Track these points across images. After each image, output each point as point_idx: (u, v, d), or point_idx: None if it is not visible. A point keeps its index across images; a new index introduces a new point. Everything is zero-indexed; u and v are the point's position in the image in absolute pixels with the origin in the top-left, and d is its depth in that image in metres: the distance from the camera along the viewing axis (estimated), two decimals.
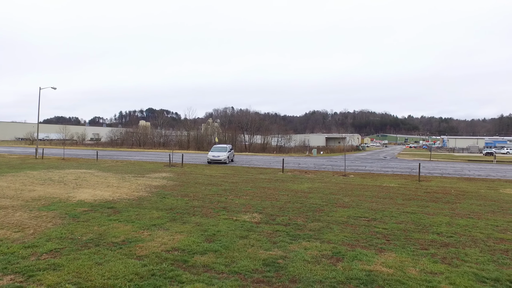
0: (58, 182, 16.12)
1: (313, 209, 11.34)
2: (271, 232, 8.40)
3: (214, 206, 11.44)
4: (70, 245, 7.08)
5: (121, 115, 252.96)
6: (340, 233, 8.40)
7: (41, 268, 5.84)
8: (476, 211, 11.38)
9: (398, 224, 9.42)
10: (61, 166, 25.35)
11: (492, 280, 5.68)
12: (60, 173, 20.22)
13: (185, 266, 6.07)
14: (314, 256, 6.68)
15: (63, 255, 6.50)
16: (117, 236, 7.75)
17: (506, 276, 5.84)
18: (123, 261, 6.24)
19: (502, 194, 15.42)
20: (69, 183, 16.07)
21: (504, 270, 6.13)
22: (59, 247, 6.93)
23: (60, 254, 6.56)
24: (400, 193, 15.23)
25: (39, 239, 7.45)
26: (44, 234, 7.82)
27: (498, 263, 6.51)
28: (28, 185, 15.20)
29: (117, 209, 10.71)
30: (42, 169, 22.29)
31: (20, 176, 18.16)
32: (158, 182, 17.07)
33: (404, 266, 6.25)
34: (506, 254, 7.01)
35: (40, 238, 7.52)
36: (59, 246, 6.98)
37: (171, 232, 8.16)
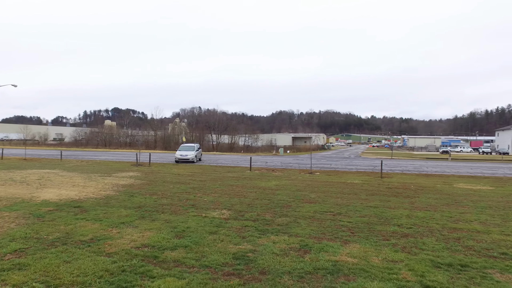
0: (20, 183, 15.46)
1: (281, 205, 11.57)
2: (240, 227, 8.53)
3: (183, 204, 11.43)
4: (36, 245, 6.88)
5: (85, 115, 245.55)
6: (307, 227, 8.66)
7: (5, 268, 5.65)
8: (433, 204, 12.03)
9: (362, 217, 9.82)
10: (23, 166, 24.26)
11: (446, 265, 6.09)
12: (22, 173, 19.36)
13: (155, 262, 6.08)
14: (282, 249, 6.87)
15: (28, 254, 6.32)
16: (85, 235, 7.60)
17: (458, 261, 6.28)
18: (92, 258, 6.16)
19: (456, 188, 16.33)
20: (32, 183, 15.46)
21: (456, 256, 6.58)
22: (24, 247, 6.72)
23: (25, 254, 6.37)
24: (364, 189, 15.80)
25: (2, 239, 7.17)
26: (7, 234, 7.54)
27: (451, 250, 6.96)
28: None
29: (84, 208, 10.47)
30: (2, 170, 21.25)
31: None
32: (125, 181, 16.76)
33: (367, 256, 6.56)
34: (458, 242, 7.50)
35: (3, 238, 7.25)
36: (24, 246, 6.77)
37: (141, 230, 8.10)
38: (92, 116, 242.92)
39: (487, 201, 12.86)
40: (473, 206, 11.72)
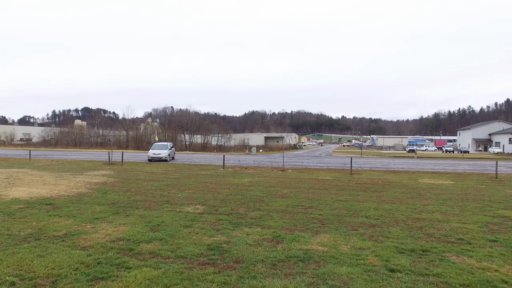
0: None
1: (254, 200, 11.78)
2: (214, 221, 8.66)
3: (157, 200, 11.43)
4: (7, 241, 6.75)
5: (54, 114, 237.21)
6: (280, 219, 8.90)
7: None
8: (399, 198, 12.59)
9: (332, 210, 10.17)
10: None
11: (408, 250, 6.47)
12: None
13: (131, 254, 6.13)
14: (256, 240, 7.07)
15: (0, 250, 6.23)
16: (58, 230, 7.52)
17: (420, 247, 6.68)
18: (67, 252, 6.13)
19: (420, 183, 17.08)
20: (1, 181, 14.94)
21: (418, 242, 6.98)
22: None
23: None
24: (334, 184, 16.25)
25: None
26: None
27: (414, 237, 7.38)
28: None
29: (56, 205, 10.29)
30: None
31: None
32: (98, 179, 16.48)
33: (337, 244, 6.86)
34: (421, 230, 7.95)
35: None
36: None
37: (115, 224, 8.09)
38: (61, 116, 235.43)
39: (448, 194, 13.56)
40: (435, 199, 12.35)
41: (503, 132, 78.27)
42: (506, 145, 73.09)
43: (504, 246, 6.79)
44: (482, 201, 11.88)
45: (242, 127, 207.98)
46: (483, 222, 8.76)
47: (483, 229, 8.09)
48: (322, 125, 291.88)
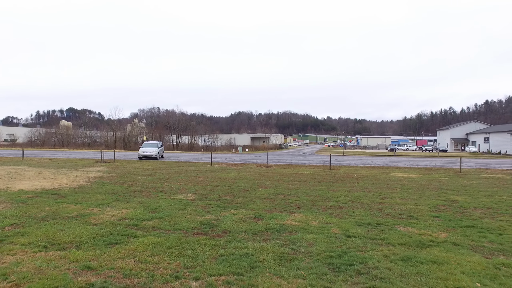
0: None
1: (239, 189, 13.08)
2: (204, 205, 9.94)
3: (152, 190, 12.63)
4: (29, 220, 7.90)
5: (38, 115, 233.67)
6: (261, 204, 10.22)
7: (10, 235, 6.70)
8: (369, 187, 14.05)
9: (308, 197, 11.54)
10: None
11: (365, 224, 7.86)
12: None
13: (136, 228, 7.36)
14: (240, 218, 8.36)
15: (25, 226, 7.37)
16: (70, 213, 8.68)
17: (375, 221, 8.09)
18: (82, 227, 7.33)
19: (391, 176, 18.65)
20: (2, 177, 15.89)
21: (375, 218, 8.40)
22: (19, 222, 7.72)
23: (22, 226, 7.40)
24: (313, 178, 17.67)
25: None
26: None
27: (373, 215, 8.79)
28: None
29: (62, 195, 11.40)
30: None
31: None
32: (94, 174, 17.55)
33: (308, 220, 8.21)
34: (380, 211, 9.37)
35: None
36: (19, 221, 7.77)
37: (118, 208, 9.28)
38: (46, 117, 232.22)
39: (413, 184, 15.12)
40: (400, 188, 13.87)
41: (479, 132, 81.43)
42: (481, 144, 76.11)
43: (443, 220, 8.25)
44: (440, 190, 13.45)
45: (228, 128, 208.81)
46: (434, 205, 10.26)
47: (432, 209, 9.57)
48: (308, 125, 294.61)
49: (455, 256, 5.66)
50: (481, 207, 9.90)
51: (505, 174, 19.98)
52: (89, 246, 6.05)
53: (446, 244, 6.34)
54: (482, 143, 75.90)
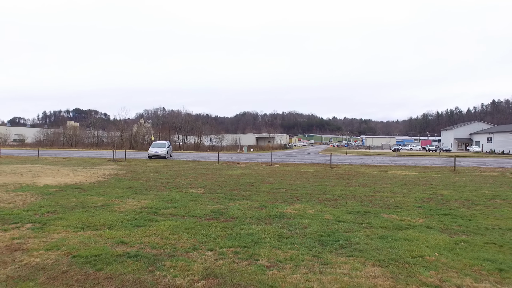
0: (14, 173, 17.12)
1: (245, 185, 14.25)
2: (214, 197, 11.11)
3: (165, 185, 13.84)
4: (62, 209, 9.11)
5: (45, 115, 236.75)
6: (264, 196, 11.38)
7: (50, 219, 7.92)
8: (364, 183, 15.16)
9: (307, 191, 12.67)
10: (3, 162, 25.27)
11: (355, 212, 8.98)
12: (8, 167, 20.72)
13: (156, 214, 8.54)
14: (246, 207, 9.52)
15: (60, 213, 8.58)
16: (96, 203, 9.90)
17: (364, 210, 9.21)
18: (110, 213, 8.54)
19: (388, 174, 19.72)
20: (25, 173, 17.18)
21: (364, 208, 9.51)
22: (54, 210, 8.94)
23: (58, 213, 8.61)
24: (314, 175, 18.81)
25: (32, 207, 9.32)
26: (33, 204, 9.68)
27: (363, 205, 9.91)
28: None
29: (84, 189, 12.64)
30: None
31: None
32: (109, 172, 18.81)
33: (305, 209, 9.35)
34: (370, 202, 10.48)
35: (32, 206, 9.39)
36: (54, 209, 8.99)
37: (138, 200, 10.49)
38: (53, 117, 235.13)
39: (406, 181, 16.20)
40: (393, 184, 14.96)
41: (483, 132, 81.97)
42: (485, 144, 76.68)
43: (424, 210, 9.36)
44: (429, 185, 14.53)
45: (233, 128, 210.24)
46: (420, 197, 11.36)
47: (417, 201, 10.67)
48: (313, 125, 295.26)
49: (425, 236, 6.78)
50: (462, 199, 10.99)
51: (496, 172, 20.98)
52: (119, 228, 7.24)
53: (421, 227, 7.46)
54: (485, 143, 76.45)
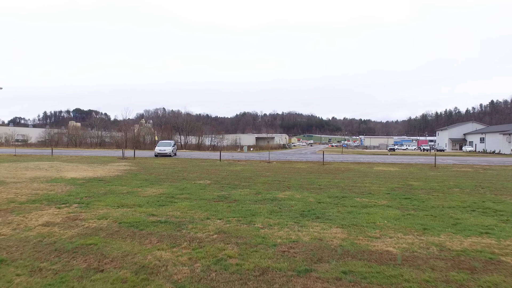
0: (39, 169, 19.17)
1: (245, 177, 16.36)
2: (219, 187, 13.21)
3: (176, 178, 15.94)
4: (95, 195, 11.19)
5: (45, 116, 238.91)
6: (261, 186, 13.47)
7: (90, 201, 10.00)
8: (349, 177, 17.26)
9: (298, 182, 14.75)
10: (22, 160, 27.24)
11: (334, 197, 11.08)
12: (30, 164, 22.69)
13: (173, 198, 10.62)
14: (245, 193, 11.61)
15: (96, 197, 10.66)
16: (121, 191, 11.98)
17: (342, 195, 11.32)
18: (136, 197, 10.62)
19: (373, 169, 21.83)
20: (49, 169, 19.25)
21: (343, 194, 11.62)
22: (89, 195, 11.03)
23: (94, 197, 10.70)
24: (306, 170, 20.91)
25: (71, 193, 11.40)
26: (71, 191, 11.77)
27: (342, 192, 11.99)
28: (14, 171, 18.10)
29: (107, 181, 14.73)
30: (8, 162, 24.39)
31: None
32: (123, 168, 20.92)
33: (293, 195, 11.45)
34: (349, 190, 12.56)
35: (71, 193, 11.47)
36: (89, 195, 11.07)
37: (155, 188, 12.58)
38: (53, 117, 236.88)
39: (386, 175, 18.30)
40: (374, 177, 17.06)
41: (476, 132, 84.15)
42: (478, 144, 78.87)
43: (391, 195, 11.46)
44: (405, 178, 16.64)
45: (233, 128, 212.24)
46: (392, 187, 13.46)
47: (388, 189, 12.77)
48: (312, 126, 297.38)
49: (383, 211, 8.88)
50: (426, 189, 13.09)
51: (471, 168, 23.11)
52: (147, 206, 9.33)
53: (382, 206, 9.55)
54: (478, 143, 78.63)
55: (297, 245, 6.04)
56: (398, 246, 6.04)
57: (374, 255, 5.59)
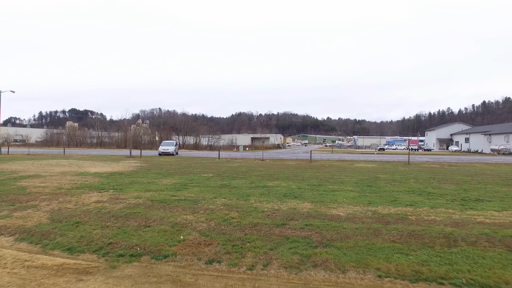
0: (62, 166, 21.92)
1: (241, 172, 19.28)
2: (220, 178, 16.10)
3: (183, 172, 18.82)
4: (123, 184, 14.01)
5: (41, 116, 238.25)
6: (255, 178, 16.37)
7: (122, 188, 12.84)
8: (329, 171, 20.22)
9: (285, 175, 17.65)
10: (39, 158, 29.88)
11: (312, 185, 13.98)
12: (50, 162, 25.44)
13: (185, 186, 13.48)
14: (242, 183, 14.50)
15: (124, 185, 13.51)
16: (142, 181, 14.82)
17: (318, 184, 14.28)
18: (157, 185, 13.48)
19: (353, 166, 24.85)
20: (70, 165, 22.01)
21: (319, 183, 14.58)
22: (118, 184, 13.85)
23: (122, 185, 13.52)
24: (294, 166, 23.87)
25: (102, 182, 14.22)
26: (101, 181, 14.59)
27: (320, 182, 14.91)
28: (42, 167, 20.83)
29: (126, 174, 17.57)
30: (29, 160, 27.07)
31: (20, 164, 23.34)
32: (135, 164, 23.76)
33: (280, 183, 14.35)
34: (326, 181, 15.50)
35: (102, 183, 14.29)
36: (118, 184, 13.91)
37: (169, 179, 15.44)
38: (48, 117, 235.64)
39: (362, 170, 21.27)
40: (351, 171, 20.03)
41: (461, 132, 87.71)
42: (463, 144, 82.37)
43: (358, 184, 14.42)
44: (376, 172, 19.63)
45: (229, 128, 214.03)
46: (361, 178, 16.43)
47: (357, 180, 15.73)
48: (307, 126, 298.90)
49: (345, 193, 11.82)
50: (389, 179, 16.08)
51: (439, 165, 26.19)
52: (167, 191, 12.20)
53: (346, 190, 12.49)
54: (463, 143, 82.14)
55: (278, 212, 8.96)
56: (346, 212, 8.98)
57: (328, 216, 8.52)
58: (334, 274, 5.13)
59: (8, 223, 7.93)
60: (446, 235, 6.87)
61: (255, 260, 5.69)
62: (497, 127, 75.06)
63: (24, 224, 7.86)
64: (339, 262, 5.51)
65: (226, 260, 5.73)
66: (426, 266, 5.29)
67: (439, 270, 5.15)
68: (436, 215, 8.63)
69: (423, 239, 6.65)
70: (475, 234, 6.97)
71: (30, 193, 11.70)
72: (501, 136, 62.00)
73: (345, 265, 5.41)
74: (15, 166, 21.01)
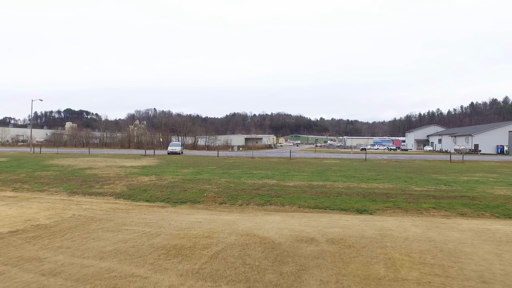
0: (100, 162, 28.66)
1: (235, 165, 26.37)
2: (221, 169, 23.12)
3: (194, 165, 25.85)
4: (157, 172, 20.95)
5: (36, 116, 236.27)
6: (246, 168, 23.41)
7: (159, 174, 19.78)
8: (300, 165, 27.33)
9: (266, 167, 24.65)
10: (71, 157, 36.37)
11: (281, 173, 21.15)
12: (88, 159, 32.03)
13: (199, 173, 20.48)
14: (237, 171, 21.58)
15: (159, 172, 20.48)
16: (169, 171, 21.81)
17: (285, 172, 21.45)
18: (180, 173, 20.53)
19: (322, 162, 31.98)
20: (106, 161, 28.82)
21: (286, 172, 21.76)
22: (154, 172, 20.82)
23: (157, 174, 20.55)
24: (276, 162, 30.99)
25: (143, 171, 21.17)
26: (142, 171, 21.53)
27: (288, 171, 22.05)
28: (87, 163, 27.62)
29: (154, 167, 24.49)
30: (69, 158, 33.66)
31: (67, 161, 30.07)
32: (154, 161, 30.72)
33: (261, 172, 21.44)
34: (292, 170, 22.61)
35: (143, 172, 21.23)
36: (154, 172, 20.87)
37: (186, 170, 22.45)
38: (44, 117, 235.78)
39: (325, 164, 28.41)
40: (315, 165, 27.16)
41: (436, 134, 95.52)
42: (436, 144, 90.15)
43: (313, 172, 21.60)
44: (331, 165, 26.79)
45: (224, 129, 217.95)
46: (318, 169, 23.57)
47: (313, 169, 22.86)
48: (301, 126, 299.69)
49: (300, 176, 18.91)
50: (337, 170, 23.22)
51: (386, 161, 33.47)
52: (189, 176, 19.26)
53: (302, 175, 19.60)
54: (437, 144, 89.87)
55: (255, 184, 16.10)
56: (294, 184, 16.13)
57: (283, 185, 15.66)
58: (278, 207, 12.22)
59: (105, 191, 14.93)
60: (338, 192, 13.99)
61: (242, 202, 12.77)
62: (461, 130, 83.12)
63: (114, 191, 14.83)
64: (281, 203, 12.59)
65: (228, 202, 12.80)
66: (321, 204, 12.38)
67: (326, 204, 12.22)
68: (342, 185, 15.83)
69: (326, 194, 13.76)
70: (354, 192, 14.16)
71: (102, 177, 18.66)
72: (463, 138, 69.90)
73: (284, 203, 12.49)
74: (65, 162, 27.89)
